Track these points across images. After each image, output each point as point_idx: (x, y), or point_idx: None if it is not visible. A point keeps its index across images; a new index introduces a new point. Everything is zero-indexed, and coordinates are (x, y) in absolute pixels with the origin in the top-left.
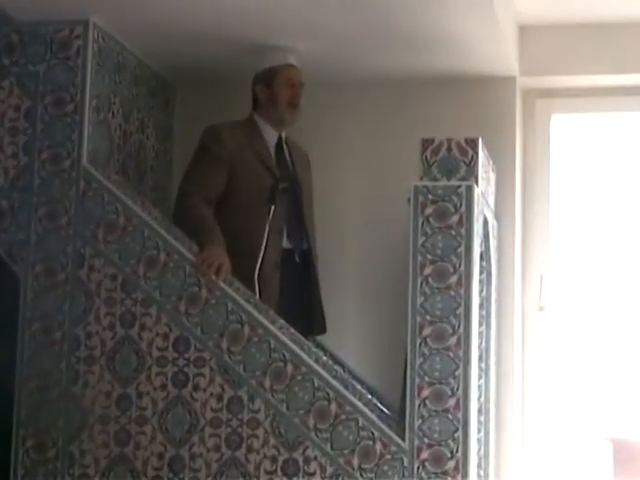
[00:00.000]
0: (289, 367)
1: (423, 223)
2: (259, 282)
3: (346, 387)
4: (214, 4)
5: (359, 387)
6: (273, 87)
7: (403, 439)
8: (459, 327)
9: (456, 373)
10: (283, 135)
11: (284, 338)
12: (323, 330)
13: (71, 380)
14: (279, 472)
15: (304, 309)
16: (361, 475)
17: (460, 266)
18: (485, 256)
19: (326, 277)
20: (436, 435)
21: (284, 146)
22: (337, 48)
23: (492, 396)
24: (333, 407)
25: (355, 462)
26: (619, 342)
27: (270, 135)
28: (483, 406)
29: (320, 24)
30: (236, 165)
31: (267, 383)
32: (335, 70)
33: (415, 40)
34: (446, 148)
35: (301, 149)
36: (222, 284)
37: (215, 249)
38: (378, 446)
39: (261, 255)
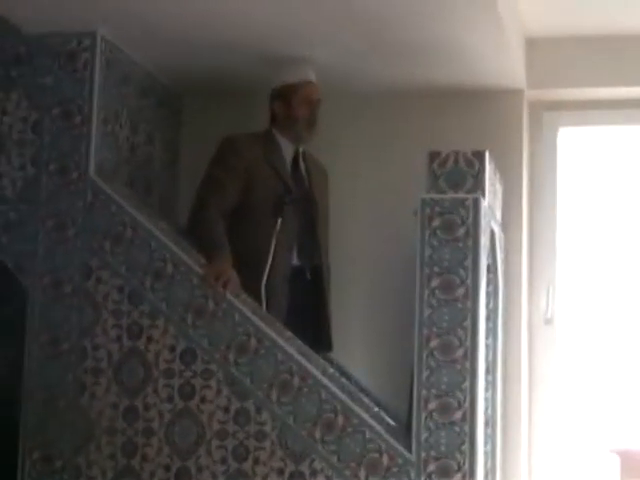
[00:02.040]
0: (296, 379)
1: (430, 235)
2: (267, 295)
3: (353, 399)
4: (223, 16)
5: (366, 399)
6: (291, 104)
7: (410, 451)
8: (466, 339)
9: (463, 386)
10: (300, 150)
11: (291, 350)
12: (329, 348)
13: (78, 392)
14: None
15: (311, 326)
16: None
17: (467, 278)
18: (492, 268)
19: (334, 289)
20: (443, 448)
21: (300, 160)
22: (345, 60)
23: (499, 408)
24: (340, 419)
25: (362, 474)
26: (626, 354)
27: (287, 149)
28: (490, 419)
29: (329, 36)
30: (252, 177)
31: (274, 395)
32: (343, 82)
33: (423, 53)
34: (453, 160)
35: (320, 164)
36: (229, 296)
37: (222, 263)
38: (385, 458)
39: (267, 268)
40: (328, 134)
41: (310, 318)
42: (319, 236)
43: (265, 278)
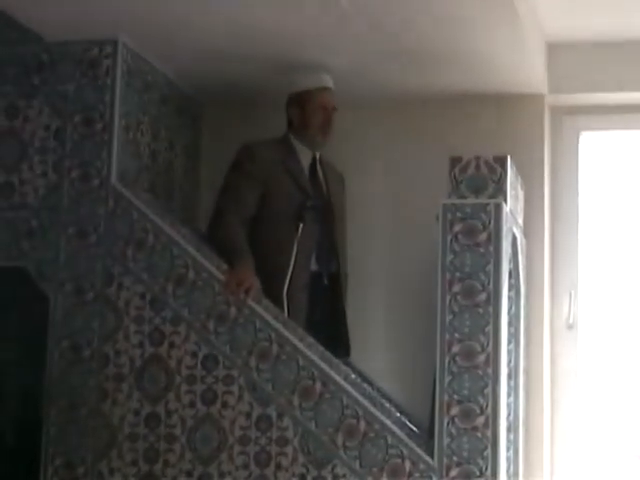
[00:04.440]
0: (318, 385)
1: (452, 241)
2: (288, 301)
3: (375, 405)
4: (242, 23)
5: (388, 405)
6: (306, 111)
7: (432, 457)
8: (488, 345)
9: (485, 391)
10: (317, 155)
11: (312, 356)
12: (347, 354)
13: (100, 398)
14: None
15: (330, 332)
16: None
17: (489, 284)
18: (514, 273)
19: (355, 294)
20: (465, 453)
21: (318, 166)
22: (366, 66)
23: (521, 414)
24: (362, 425)
25: None
26: None
27: (304, 155)
28: (512, 424)
29: (349, 42)
30: (269, 183)
31: (296, 401)
32: (364, 88)
33: (443, 59)
34: (474, 166)
35: (336, 170)
36: (251, 302)
37: (245, 269)
38: (407, 464)
39: (289, 274)
40: (349, 140)
41: (328, 324)
42: (337, 241)
43: (287, 284)
